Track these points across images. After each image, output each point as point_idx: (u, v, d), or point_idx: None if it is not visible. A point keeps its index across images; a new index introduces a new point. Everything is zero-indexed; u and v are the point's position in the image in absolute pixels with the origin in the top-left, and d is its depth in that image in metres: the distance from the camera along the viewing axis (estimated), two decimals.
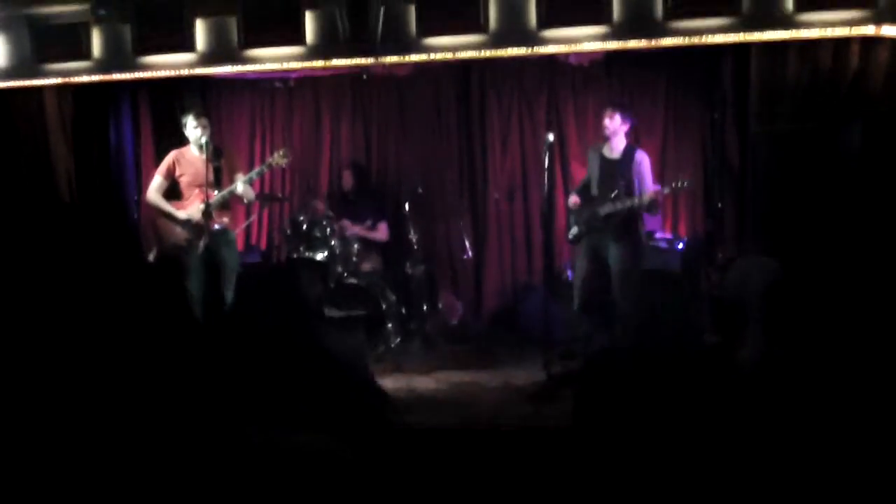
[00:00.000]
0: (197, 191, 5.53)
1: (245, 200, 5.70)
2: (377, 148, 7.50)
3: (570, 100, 7.10)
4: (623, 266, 5.52)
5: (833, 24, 5.07)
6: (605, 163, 5.69)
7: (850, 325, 2.15)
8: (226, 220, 5.66)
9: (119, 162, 7.01)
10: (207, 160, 5.48)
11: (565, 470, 2.73)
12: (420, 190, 6.68)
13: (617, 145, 5.67)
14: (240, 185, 5.57)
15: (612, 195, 5.55)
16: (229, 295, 5.49)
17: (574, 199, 5.79)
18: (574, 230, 5.79)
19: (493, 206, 7.21)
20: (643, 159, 5.60)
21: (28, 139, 6.43)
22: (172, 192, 5.72)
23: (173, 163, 5.64)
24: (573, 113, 7.11)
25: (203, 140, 5.45)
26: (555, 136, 5.63)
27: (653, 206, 5.44)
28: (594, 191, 5.73)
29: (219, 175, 5.58)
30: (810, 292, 2.35)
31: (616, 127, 5.62)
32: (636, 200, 5.43)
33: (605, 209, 5.57)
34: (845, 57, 5.21)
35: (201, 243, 5.52)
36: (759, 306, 2.07)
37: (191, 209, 5.55)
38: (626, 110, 5.71)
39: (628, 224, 5.56)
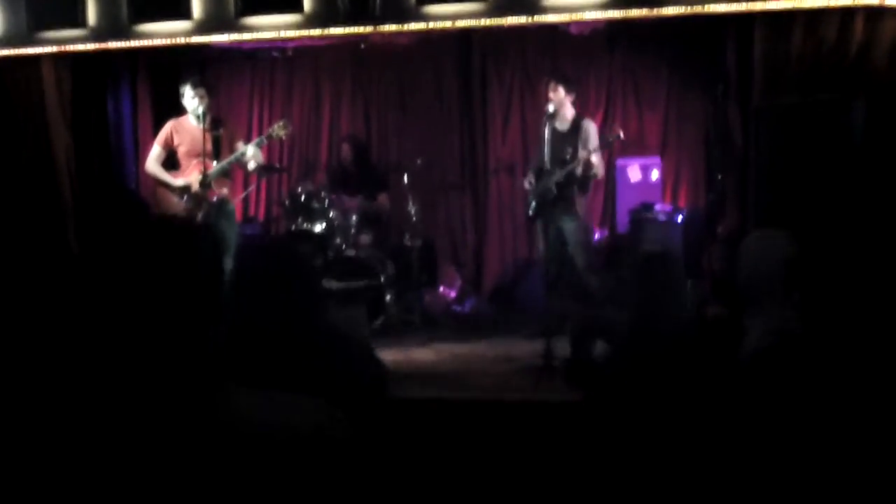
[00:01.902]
0: (195, 161, 5.47)
1: (253, 164, 5.61)
2: (376, 120, 7.45)
3: (571, 71, 7.01)
4: (576, 239, 5.60)
5: None
6: (555, 134, 5.70)
7: (855, 303, 2.13)
8: (225, 190, 5.61)
9: (117, 133, 6.95)
10: (206, 130, 5.42)
11: (562, 443, 2.73)
12: (419, 162, 6.63)
13: (565, 116, 5.69)
14: (250, 148, 5.51)
15: (561, 164, 5.57)
16: (227, 266, 5.45)
17: (528, 178, 5.86)
18: (532, 205, 5.81)
19: (493, 179, 7.17)
20: (589, 126, 5.64)
21: (25, 112, 6.36)
22: (171, 162, 5.67)
23: (171, 132, 5.58)
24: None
25: (200, 110, 5.39)
26: (555, 108, 5.60)
27: (588, 167, 5.47)
28: (547, 164, 5.75)
29: (218, 145, 5.52)
30: (814, 267, 2.33)
31: (561, 98, 5.65)
32: (576, 164, 5.44)
33: (554, 178, 5.60)
34: (849, 30, 5.14)
35: (200, 214, 5.48)
36: (774, 280, 2.05)
37: (189, 179, 5.50)
38: (569, 81, 5.72)
39: (580, 196, 5.61)
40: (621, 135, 5.65)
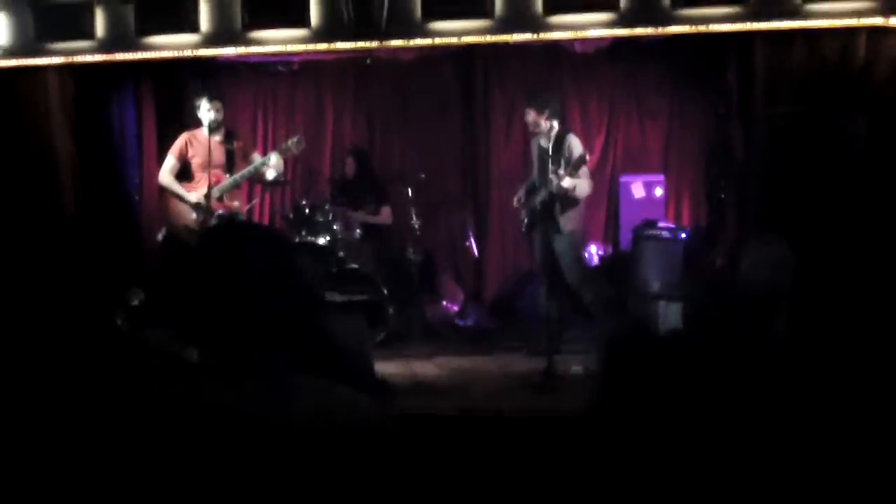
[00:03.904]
0: (208, 173, 5.52)
1: (274, 173, 5.61)
2: (380, 134, 7.47)
3: (574, 88, 7.06)
4: (565, 258, 5.62)
5: (841, 15, 5.04)
6: (541, 152, 5.71)
7: (853, 315, 2.14)
8: (236, 203, 5.64)
9: (121, 144, 6.96)
10: (220, 142, 5.47)
11: (562, 457, 2.73)
12: (422, 176, 6.65)
13: (549, 133, 5.63)
14: (273, 156, 5.54)
15: (547, 183, 5.56)
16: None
17: (518, 195, 5.86)
18: (525, 221, 5.85)
19: (495, 193, 7.19)
20: (572, 142, 5.55)
21: (30, 121, 6.39)
22: (183, 173, 5.71)
23: (185, 144, 5.63)
24: (577, 101, 7.07)
25: (216, 122, 5.44)
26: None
27: (563, 191, 5.39)
28: (537, 181, 5.77)
29: (231, 158, 5.56)
30: (813, 280, 2.34)
31: (535, 119, 5.60)
32: (555, 183, 5.42)
33: (539, 197, 5.62)
34: (852, 47, 5.17)
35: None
36: (775, 291, 2.06)
37: (201, 191, 5.53)
38: (538, 102, 5.61)
39: (565, 213, 5.58)
40: (587, 156, 5.48)
